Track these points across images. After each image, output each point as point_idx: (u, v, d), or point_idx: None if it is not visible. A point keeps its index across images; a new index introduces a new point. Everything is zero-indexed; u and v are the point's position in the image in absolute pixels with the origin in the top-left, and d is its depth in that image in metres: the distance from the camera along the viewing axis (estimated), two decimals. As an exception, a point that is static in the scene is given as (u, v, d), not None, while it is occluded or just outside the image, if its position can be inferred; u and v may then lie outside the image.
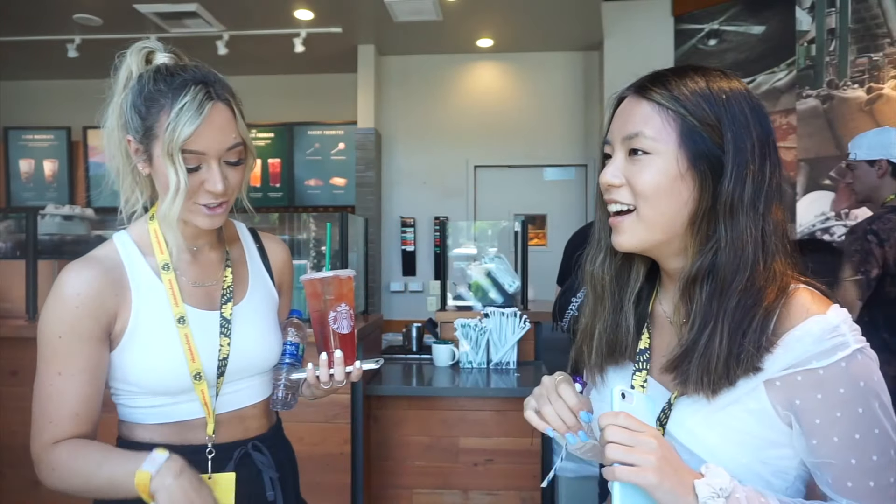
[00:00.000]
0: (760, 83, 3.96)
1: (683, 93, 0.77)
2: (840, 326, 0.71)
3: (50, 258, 3.09)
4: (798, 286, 0.77)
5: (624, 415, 0.71)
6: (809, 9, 3.79)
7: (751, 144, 0.75)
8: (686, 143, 0.75)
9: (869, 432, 0.71)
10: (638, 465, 0.68)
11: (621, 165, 0.79)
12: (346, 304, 1.05)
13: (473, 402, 2.50)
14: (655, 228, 0.78)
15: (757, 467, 0.75)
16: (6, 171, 5.57)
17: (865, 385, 0.71)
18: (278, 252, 1.21)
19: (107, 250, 1.04)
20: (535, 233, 5.11)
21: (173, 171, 0.94)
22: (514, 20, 4.42)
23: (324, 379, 1.04)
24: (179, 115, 0.93)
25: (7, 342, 2.56)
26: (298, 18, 4.29)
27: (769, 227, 0.76)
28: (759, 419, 0.74)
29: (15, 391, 2.52)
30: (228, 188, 0.99)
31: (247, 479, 1.05)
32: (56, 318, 0.96)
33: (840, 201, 3.61)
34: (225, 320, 1.05)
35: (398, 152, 5.18)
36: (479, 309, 2.96)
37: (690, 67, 0.81)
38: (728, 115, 0.75)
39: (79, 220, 3.42)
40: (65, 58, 4.53)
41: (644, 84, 0.80)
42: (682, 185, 0.76)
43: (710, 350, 0.74)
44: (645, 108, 0.78)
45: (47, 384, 0.96)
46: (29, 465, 1.00)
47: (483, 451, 2.50)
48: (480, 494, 2.50)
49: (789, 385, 0.72)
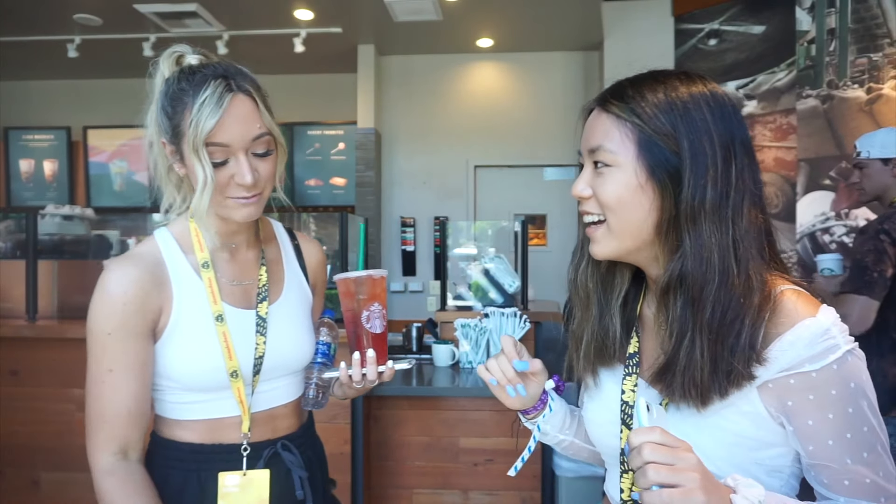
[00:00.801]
0: (760, 83, 3.96)
1: (640, 104, 0.77)
2: (831, 329, 0.72)
3: (50, 258, 3.09)
4: (783, 288, 0.76)
5: (660, 430, 0.66)
6: (809, 9, 3.79)
7: (710, 150, 0.74)
8: (644, 154, 0.76)
9: (859, 431, 0.72)
10: (683, 485, 0.63)
11: (588, 178, 0.81)
12: (378, 303, 1.05)
13: (473, 402, 2.50)
14: (624, 237, 0.79)
15: (752, 468, 0.76)
16: (6, 171, 5.57)
17: (856, 385, 0.72)
18: (314, 252, 1.22)
19: (149, 247, 1.05)
20: (535, 233, 5.11)
21: (199, 166, 0.95)
22: (514, 20, 4.42)
23: (356, 378, 1.05)
24: (201, 109, 0.94)
25: (7, 342, 2.56)
26: (298, 18, 4.29)
27: (739, 232, 0.74)
28: (752, 421, 0.75)
29: (15, 391, 2.52)
30: (259, 180, 0.99)
31: (276, 478, 1.06)
32: (104, 316, 0.97)
33: (840, 201, 3.61)
34: (261, 319, 1.06)
35: (398, 152, 5.18)
36: (479, 309, 2.96)
37: (651, 75, 0.81)
38: (685, 122, 0.75)
39: (79, 220, 3.42)
40: (65, 58, 4.53)
41: (605, 96, 0.81)
42: (642, 196, 0.77)
43: (692, 363, 0.74)
44: (605, 121, 0.79)
45: (99, 381, 0.97)
46: (29, 465, 1.01)
47: (483, 451, 2.50)
48: (480, 494, 2.50)
49: (782, 388, 0.73)
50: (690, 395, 0.74)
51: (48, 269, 2.99)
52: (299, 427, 1.14)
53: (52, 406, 2.49)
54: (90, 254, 3.42)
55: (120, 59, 4.88)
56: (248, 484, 1.02)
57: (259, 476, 1.04)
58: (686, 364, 0.74)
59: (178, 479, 1.03)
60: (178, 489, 1.02)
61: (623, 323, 0.89)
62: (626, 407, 0.84)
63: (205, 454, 1.02)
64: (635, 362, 0.85)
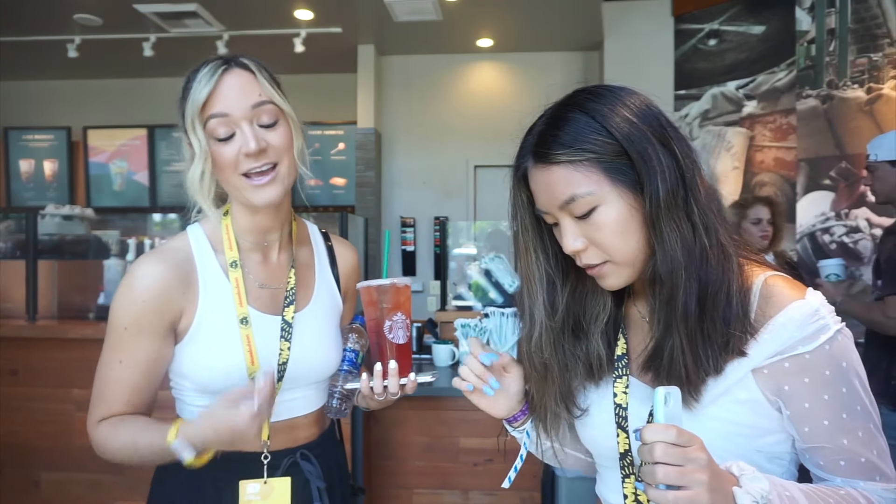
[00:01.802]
0: (760, 83, 3.96)
1: (578, 140, 0.75)
2: (820, 310, 0.73)
3: (50, 258, 3.09)
4: (769, 274, 0.78)
5: (676, 430, 0.64)
6: (809, 9, 3.79)
7: (648, 143, 0.74)
8: (616, 178, 0.75)
9: (853, 410, 0.73)
10: (690, 487, 0.62)
11: (575, 231, 0.78)
12: (402, 313, 1.00)
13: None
14: (632, 264, 0.78)
15: (753, 456, 0.76)
16: (6, 171, 5.57)
17: (847, 364, 0.73)
18: (348, 257, 1.20)
19: (180, 243, 1.04)
20: (535, 233, 5.11)
21: (196, 138, 0.95)
22: (514, 20, 4.42)
23: (377, 390, 1.00)
24: (196, 85, 0.95)
25: (7, 342, 2.56)
26: (298, 18, 4.29)
27: (701, 207, 0.75)
28: (750, 408, 0.75)
29: (15, 391, 2.52)
30: (269, 150, 0.97)
31: (294, 487, 1.04)
32: (123, 310, 0.98)
33: (840, 201, 3.61)
34: (286, 324, 1.04)
35: (398, 152, 5.18)
36: (479, 309, 2.96)
37: (559, 109, 0.80)
38: (620, 135, 0.75)
39: (79, 220, 3.42)
40: (65, 58, 4.53)
41: (538, 151, 0.79)
42: (636, 215, 0.76)
43: (680, 345, 0.74)
44: (557, 173, 0.77)
45: (107, 369, 0.99)
46: (29, 465, 1.01)
47: (483, 451, 2.50)
48: (480, 494, 2.50)
49: (777, 372, 0.74)
50: (681, 379, 0.74)
51: (48, 269, 2.99)
52: (319, 435, 1.12)
53: (52, 406, 2.49)
54: (90, 254, 3.41)
55: (120, 59, 4.89)
56: (270, 492, 1.01)
57: (280, 484, 1.02)
58: (675, 347, 0.74)
59: (196, 487, 1.01)
60: (196, 498, 1.01)
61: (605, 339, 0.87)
62: (620, 409, 0.82)
63: (223, 462, 1.00)
64: (624, 363, 0.84)
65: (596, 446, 0.89)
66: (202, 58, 1.04)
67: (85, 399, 1.00)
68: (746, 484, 0.67)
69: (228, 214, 1.06)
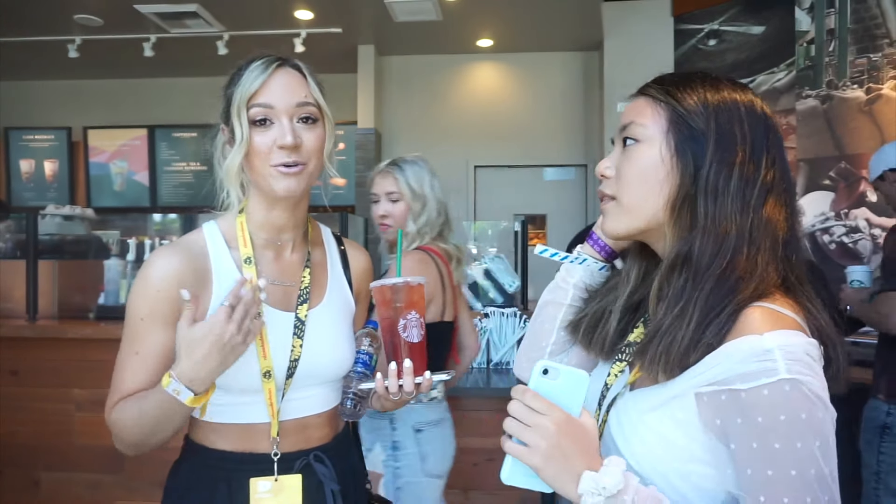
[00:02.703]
0: (760, 83, 3.96)
1: (678, 88, 0.79)
2: (773, 351, 0.66)
3: (50, 258, 3.09)
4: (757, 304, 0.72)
5: (531, 394, 0.72)
6: (809, 9, 3.79)
7: (741, 135, 0.75)
8: (673, 130, 0.77)
9: (784, 472, 0.64)
10: (529, 445, 0.70)
11: (615, 157, 0.82)
12: (416, 311, 1.00)
13: (473, 402, 2.50)
14: (633, 214, 0.79)
15: (676, 480, 0.72)
16: (6, 171, 5.57)
17: (787, 420, 0.64)
18: (360, 260, 1.21)
19: (196, 238, 1.05)
20: (535, 233, 5.11)
21: (238, 126, 0.97)
22: (514, 20, 4.43)
23: (392, 390, 0.99)
24: (248, 74, 0.99)
25: (7, 342, 2.56)
26: (298, 18, 4.29)
27: (758, 222, 0.73)
28: (684, 430, 0.71)
29: (15, 391, 2.52)
30: (303, 148, 1.00)
31: (307, 490, 1.04)
32: (139, 300, 0.99)
33: (840, 201, 3.61)
34: (299, 321, 1.05)
35: (398, 152, 5.16)
36: (479, 309, 2.96)
37: (696, 73, 0.82)
38: (718, 108, 0.76)
39: (79, 220, 3.43)
40: (65, 58, 4.54)
41: (646, 84, 0.83)
42: (661, 171, 0.77)
43: (676, 332, 0.72)
44: (640, 102, 0.81)
45: (124, 359, 1.00)
46: (29, 466, 1.01)
47: (483, 451, 2.50)
48: (480, 494, 2.50)
49: (714, 402, 0.69)
50: (659, 363, 0.72)
51: (48, 269, 2.99)
52: (333, 437, 1.11)
53: (52, 406, 2.49)
54: (90, 254, 3.41)
55: (120, 60, 4.89)
56: (280, 489, 1.01)
57: (291, 481, 1.02)
58: (667, 331, 0.73)
59: (207, 485, 1.01)
60: (207, 496, 1.01)
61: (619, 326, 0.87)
62: (605, 389, 0.84)
63: (234, 462, 1.01)
64: (631, 350, 0.84)
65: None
66: (202, 58, 1.05)
67: (85, 399, 1.00)
68: (600, 473, 0.68)
69: (244, 212, 1.08)
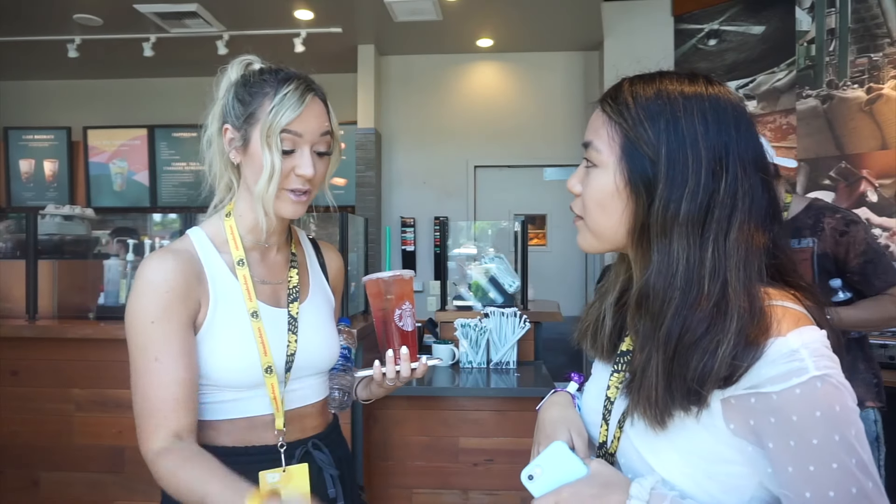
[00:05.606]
0: (760, 83, 3.96)
1: (629, 106, 0.74)
2: (799, 351, 0.66)
3: (50, 258, 3.09)
4: (773, 303, 0.70)
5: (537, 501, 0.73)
6: (809, 9, 3.79)
7: (694, 162, 0.70)
8: (626, 158, 0.74)
9: (825, 466, 0.64)
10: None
11: (581, 174, 0.81)
12: (409, 302, 1.10)
13: (473, 402, 2.50)
14: (599, 237, 0.79)
15: (705, 482, 0.72)
16: (6, 171, 5.57)
17: (823, 415, 0.65)
18: (335, 260, 1.28)
19: (184, 244, 1.06)
20: (535, 233, 5.11)
21: (269, 153, 0.99)
22: (514, 20, 4.42)
23: (390, 375, 1.09)
24: (283, 100, 1.00)
25: (7, 342, 2.56)
26: (298, 18, 4.29)
27: (720, 251, 0.70)
28: (711, 432, 0.71)
29: (15, 391, 2.52)
30: (315, 178, 1.04)
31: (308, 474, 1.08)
32: (147, 305, 0.97)
33: (840, 201, 3.61)
34: (292, 318, 1.09)
35: (398, 152, 5.18)
36: (479, 309, 2.96)
37: (652, 76, 0.78)
38: (669, 130, 0.72)
39: (79, 220, 3.42)
40: (65, 58, 4.53)
41: (606, 93, 0.80)
42: (617, 201, 0.75)
43: (646, 380, 0.71)
44: (599, 118, 0.79)
45: (145, 372, 0.96)
46: (29, 465, 1.01)
47: (483, 451, 2.50)
48: (480, 494, 2.50)
49: (744, 406, 0.69)
50: (647, 413, 0.72)
51: (48, 269, 2.99)
52: (326, 427, 1.16)
53: (52, 406, 2.49)
54: (90, 254, 3.41)
55: (120, 59, 4.89)
56: (289, 479, 1.04)
57: (298, 470, 1.06)
58: (642, 380, 0.72)
59: None
60: None
61: (616, 324, 0.87)
62: (608, 403, 0.83)
63: (238, 456, 1.02)
64: (625, 360, 0.83)
65: (590, 431, 0.89)
66: (202, 58, 1.05)
67: (85, 399, 1.00)
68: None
69: (231, 216, 1.10)
